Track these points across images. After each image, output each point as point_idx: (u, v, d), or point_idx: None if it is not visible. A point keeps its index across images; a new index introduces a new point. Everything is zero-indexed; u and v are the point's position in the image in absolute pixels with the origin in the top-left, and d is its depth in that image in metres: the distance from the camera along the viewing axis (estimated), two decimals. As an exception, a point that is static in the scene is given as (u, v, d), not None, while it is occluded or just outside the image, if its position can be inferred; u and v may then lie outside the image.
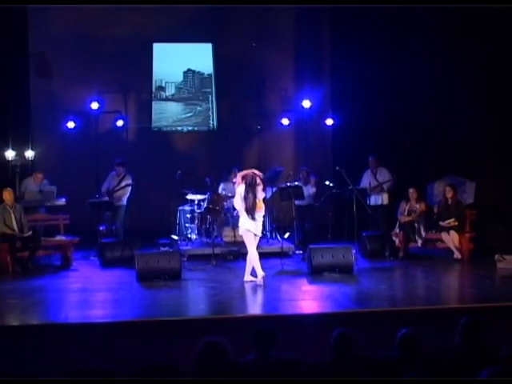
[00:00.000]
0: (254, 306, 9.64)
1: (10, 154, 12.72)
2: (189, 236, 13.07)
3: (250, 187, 10.28)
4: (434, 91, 14.15)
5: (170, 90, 15.67)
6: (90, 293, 10.25)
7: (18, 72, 13.74)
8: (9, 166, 12.73)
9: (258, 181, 10.37)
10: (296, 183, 13.19)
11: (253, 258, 10.35)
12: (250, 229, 10.33)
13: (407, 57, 14.19)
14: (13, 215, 11.63)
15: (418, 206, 12.58)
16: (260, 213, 10.43)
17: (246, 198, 10.28)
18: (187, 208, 13.16)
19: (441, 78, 14.06)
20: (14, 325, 8.88)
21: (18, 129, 13.25)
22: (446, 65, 13.88)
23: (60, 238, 12.41)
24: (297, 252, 12.58)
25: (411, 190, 12.63)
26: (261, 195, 10.41)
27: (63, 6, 14.51)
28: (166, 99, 15.69)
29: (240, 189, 10.37)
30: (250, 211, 10.28)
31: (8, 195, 11.65)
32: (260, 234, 10.58)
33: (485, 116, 13.75)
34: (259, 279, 10.23)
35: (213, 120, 15.78)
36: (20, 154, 12.95)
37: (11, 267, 11.44)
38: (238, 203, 10.40)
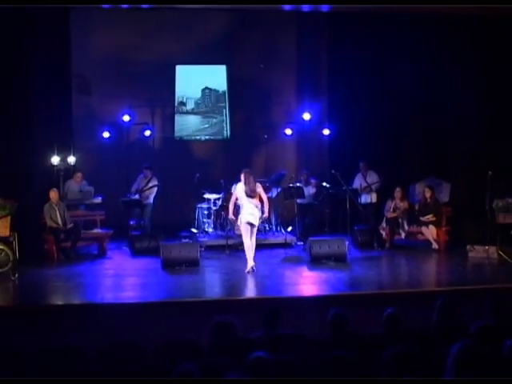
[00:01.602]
0: (262, 290, 9.65)
1: (55, 160, 12.74)
2: (206, 229, 13.07)
3: (250, 178, 10.32)
4: (417, 105, 14.11)
5: (190, 105, 15.66)
6: (122, 277, 10.31)
7: (63, 90, 13.75)
8: (54, 169, 12.75)
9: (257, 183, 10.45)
10: (298, 184, 13.18)
11: (246, 248, 10.30)
12: (250, 220, 10.28)
13: (394, 76, 14.16)
14: (57, 211, 11.69)
15: (401, 204, 12.58)
16: (258, 204, 10.36)
17: (246, 183, 10.27)
18: (205, 205, 13.15)
19: (423, 93, 14.03)
20: (59, 304, 8.95)
21: (62, 138, 13.26)
22: (431, 80, 13.85)
23: (97, 230, 12.46)
24: (298, 243, 12.56)
25: (397, 189, 12.62)
26: (259, 188, 10.39)
27: (101, 34, 14.61)
28: (187, 113, 15.68)
29: (240, 184, 10.39)
30: (250, 194, 10.24)
31: (54, 194, 11.72)
32: (257, 225, 10.49)
33: (459, 129, 13.78)
34: (248, 268, 10.19)
35: (226, 130, 15.77)
36: (63, 160, 12.96)
37: (56, 255, 11.51)
38: (240, 193, 10.34)
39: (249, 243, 10.31)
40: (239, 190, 10.38)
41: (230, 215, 10.73)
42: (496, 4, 10.38)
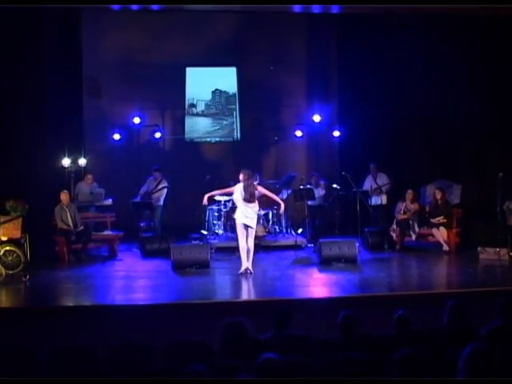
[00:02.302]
0: (272, 291, 9.62)
1: (66, 162, 12.81)
2: (216, 231, 13.07)
3: (250, 181, 10.27)
4: (427, 106, 14.09)
5: (201, 107, 15.69)
6: (133, 279, 10.33)
7: (73, 93, 13.85)
8: (65, 171, 12.82)
9: (256, 186, 10.42)
10: (308, 186, 13.18)
11: (241, 249, 10.26)
12: (245, 222, 10.25)
13: (404, 77, 14.17)
14: (68, 213, 11.73)
15: (412, 205, 12.54)
16: (255, 207, 10.36)
17: (246, 188, 10.23)
18: (215, 207, 13.14)
19: (433, 95, 14.01)
20: (70, 305, 8.98)
21: (73, 140, 13.34)
22: (441, 81, 13.83)
23: (107, 232, 12.49)
24: (309, 245, 12.55)
25: (409, 191, 12.59)
26: (257, 190, 10.38)
27: (111, 36, 14.68)
28: (197, 115, 15.70)
29: (239, 186, 10.33)
30: (248, 199, 10.21)
31: (64, 196, 11.76)
32: (254, 227, 10.44)
33: (469, 130, 13.78)
34: (242, 269, 10.17)
35: (237, 132, 15.79)
36: (74, 162, 13.03)
37: (67, 257, 11.55)
38: (237, 195, 10.31)
39: (244, 244, 10.27)
40: (237, 190, 10.34)
41: (205, 199, 10.57)
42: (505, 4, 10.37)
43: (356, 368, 4.47)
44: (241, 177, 10.35)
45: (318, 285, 9.91)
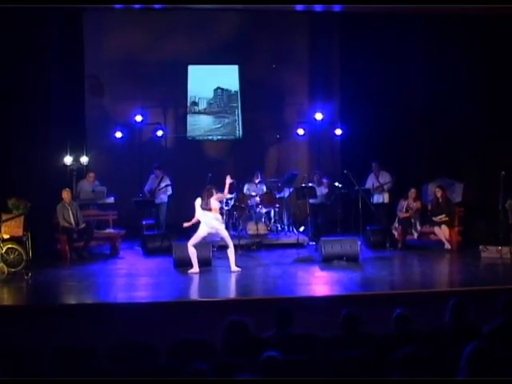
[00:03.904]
0: (274, 289, 9.62)
1: (68, 160, 12.81)
2: (218, 229, 13.05)
3: (207, 193, 10.42)
4: (430, 105, 14.08)
5: (203, 105, 15.69)
6: (135, 277, 10.33)
7: (76, 91, 13.85)
8: (67, 169, 12.83)
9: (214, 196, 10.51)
10: (310, 184, 13.18)
11: (191, 253, 10.32)
12: (211, 235, 10.54)
13: (406, 76, 14.18)
14: (70, 211, 11.73)
15: (414, 204, 12.53)
16: (218, 216, 10.54)
17: (203, 197, 10.40)
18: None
19: (435, 93, 13.99)
20: (72, 303, 8.99)
21: (75, 138, 13.34)
22: (443, 80, 13.81)
23: (109, 230, 12.50)
24: (310, 243, 12.54)
25: (413, 190, 12.57)
26: (214, 204, 10.49)
27: (113, 35, 14.68)
28: (199, 113, 15.70)
29: (197, 201, 10.48)
30: (205, 208, 10.35)
31: (66, 194, 11.77)
32: (224, 234, 10.57)
33: (471, 129, 13.76)
34: (193, 271, 10.25)
35: (238, 130, 15.79)
36: (76, 160, 13.04)
37: (69, 255, 11.56)
38: (199, 211, 10.45)
39: (193, 250, 10.34)
40: (197, 207, 10.47)
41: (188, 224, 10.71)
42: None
43: (358, 366, 4.47)
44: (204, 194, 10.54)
45: (319, 283, 9.91)
